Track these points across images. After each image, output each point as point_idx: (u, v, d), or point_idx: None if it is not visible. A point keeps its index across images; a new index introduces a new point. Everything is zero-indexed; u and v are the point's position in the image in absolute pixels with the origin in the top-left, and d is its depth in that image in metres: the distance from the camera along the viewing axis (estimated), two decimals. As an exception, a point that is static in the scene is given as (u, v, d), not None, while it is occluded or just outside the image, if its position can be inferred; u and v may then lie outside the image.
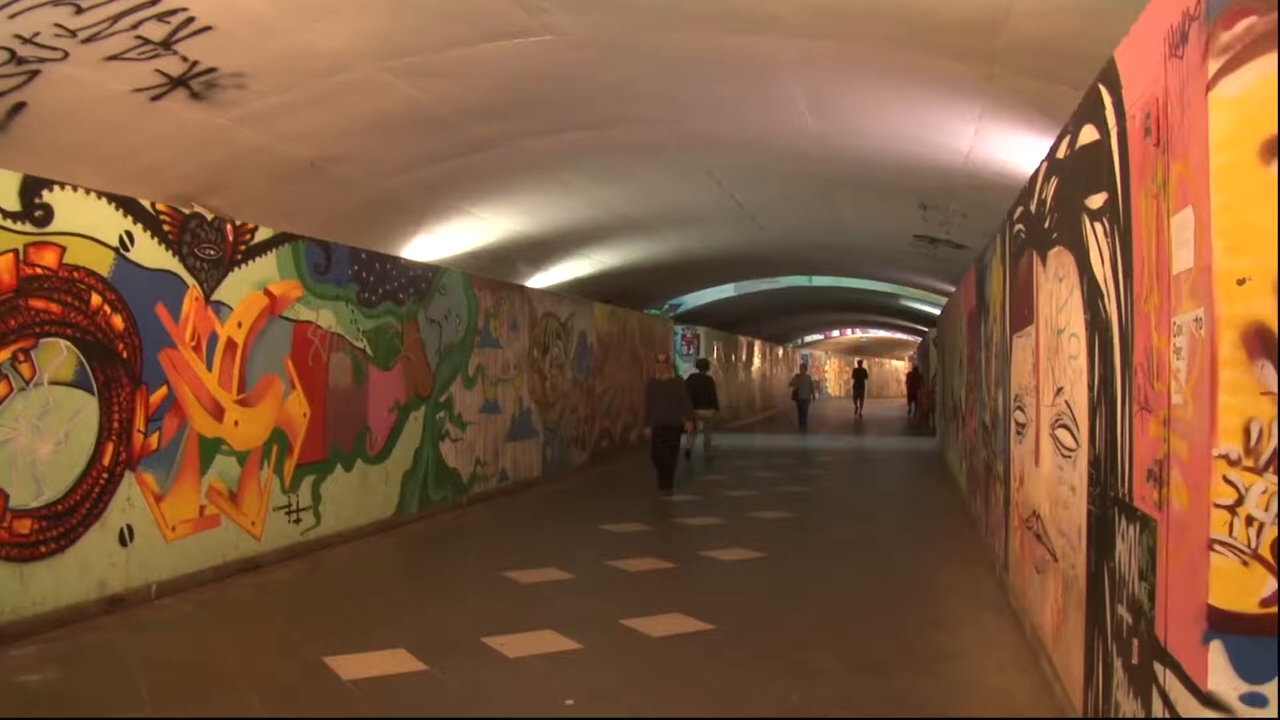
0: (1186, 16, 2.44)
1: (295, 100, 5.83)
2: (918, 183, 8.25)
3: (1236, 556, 2.20)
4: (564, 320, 14.01)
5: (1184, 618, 2.45)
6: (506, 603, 6.42)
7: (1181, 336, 2.53)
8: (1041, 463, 5.05)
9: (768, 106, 6.69)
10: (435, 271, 10.17)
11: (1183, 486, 2.52)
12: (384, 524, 9.08)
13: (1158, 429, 2.77)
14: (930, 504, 11.38)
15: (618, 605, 6.26)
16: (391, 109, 6.31)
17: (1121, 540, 3.19)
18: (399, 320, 9.44)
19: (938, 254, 11.75)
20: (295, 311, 7.86)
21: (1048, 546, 4.79)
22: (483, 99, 6.47)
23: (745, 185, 9.72)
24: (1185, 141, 2.49)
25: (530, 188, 9.07)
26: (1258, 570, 2.18)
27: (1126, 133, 3.13)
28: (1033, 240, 5.33)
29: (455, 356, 10.60)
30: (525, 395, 12.47)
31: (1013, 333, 6.30)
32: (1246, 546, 2.20)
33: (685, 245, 13.23)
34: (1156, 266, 2.78)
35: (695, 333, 23.29)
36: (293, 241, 7.83)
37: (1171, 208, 2.62)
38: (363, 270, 8.83)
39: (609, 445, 16.04)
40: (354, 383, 8.70)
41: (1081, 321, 3.90)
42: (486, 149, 7.58)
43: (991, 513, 7.67)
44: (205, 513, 6.86)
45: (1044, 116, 5.11)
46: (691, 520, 9.96)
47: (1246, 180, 2.21)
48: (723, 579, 7.24)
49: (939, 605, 6.42)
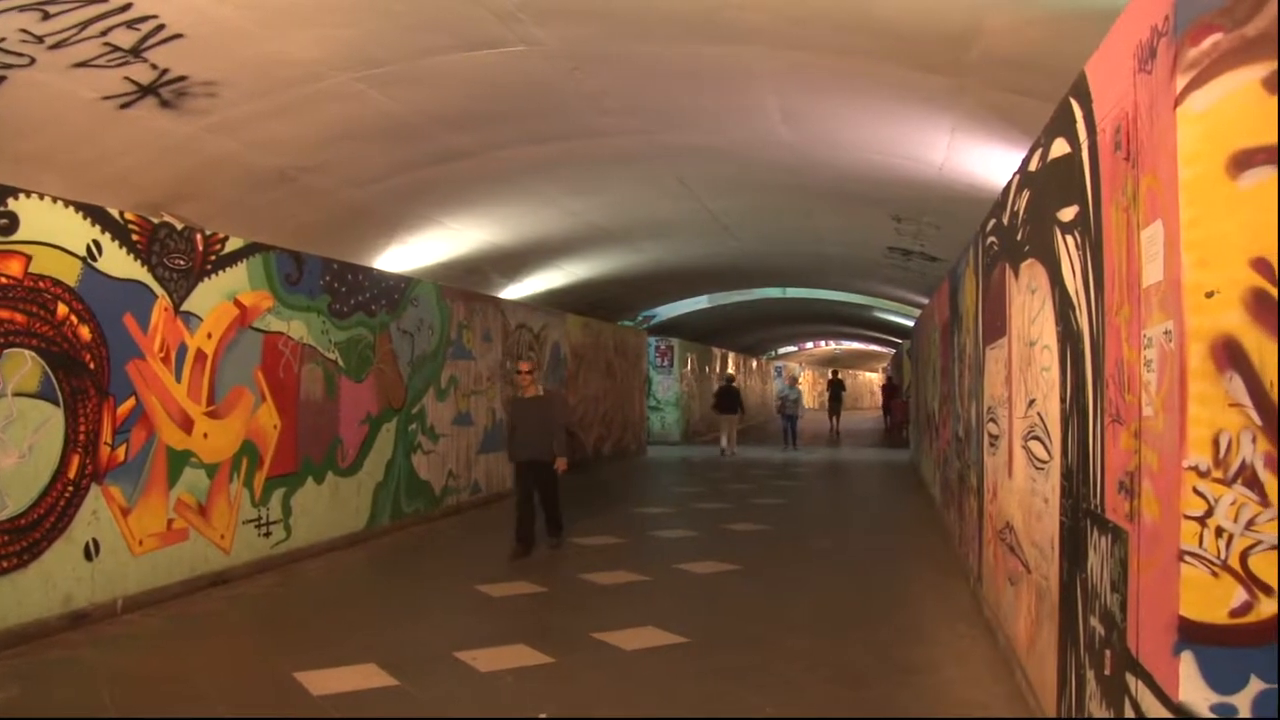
0: (1155, 32, 2.47)
1: (266, 109, 5.78)
2: (892, 194, 8.30)
3: (1207, 568, 2.22)
4: (537, 332, 13.96)
5: (1155, 629, 2.46)
6: (478, 616, 6.39)
7: (1152, 349, 2.55)
8: (1014, 474, 5.06)
9: (742, 116, 6.70)
10: (408, 282, 10.12)
11: (1154, 498, 2.54)
12: (355, 537, 9.00)
13: (1129, 441, 2.79)
14: (904, 516, 11.40)
15: (590, 618, 6.23)
16: (364, 118, 6.27)
17: (1094, 551, 3.20)
18: (371, 331, 9.38)
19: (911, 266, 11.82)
20: (266, 322, 7.78)
21: (1021, 558, 4.81)
22: (456, 109, 6.45)
23: (720, 195, 9.73)
24: (1154, 155, 2.51)
25: (504, 198, 9.03)
26: (1227, 581, 2.20)
27: (1097, 146, 3.16)
28: (1005, 252, 5.36)
29: (427, 368, 10.54)
30: (498, 407, 12.40)
31: (985, 344, 6.32)
32: (1216, 558, 2.21)
33: (659, 256, 13.23)
34: (1127, 279, 2.80)
35: (669, 344, 23.30)
36: (264, 252, 7.76)
37: (1142, 221, 2.64)
38: (334, 281, 8.77)
39: (582, 458, 15.97)
40: (325, 394, 8.63)
41: (1053, 333, 3.92)
42: (460, 159, 7.55)
43: (965, 524, 7.69)
44: (173, 526, 6.76)
45: (1016, 129, 5.16)
46: (665, 533, 9.94)
47: (1214, 194, 2.24)
48: (697, 591, 7.22)
49: (914, 617, 6.43)
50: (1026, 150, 4.71)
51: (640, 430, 20.24)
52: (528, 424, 8.48)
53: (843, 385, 29.63)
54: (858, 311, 22.37)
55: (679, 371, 23.61)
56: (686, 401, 24.26)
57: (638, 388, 20.05)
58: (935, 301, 11.82)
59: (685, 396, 24.13)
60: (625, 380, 18.90)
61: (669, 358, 23.38)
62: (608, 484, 14.56)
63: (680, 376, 23.70)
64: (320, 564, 8.06)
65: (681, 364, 23.84)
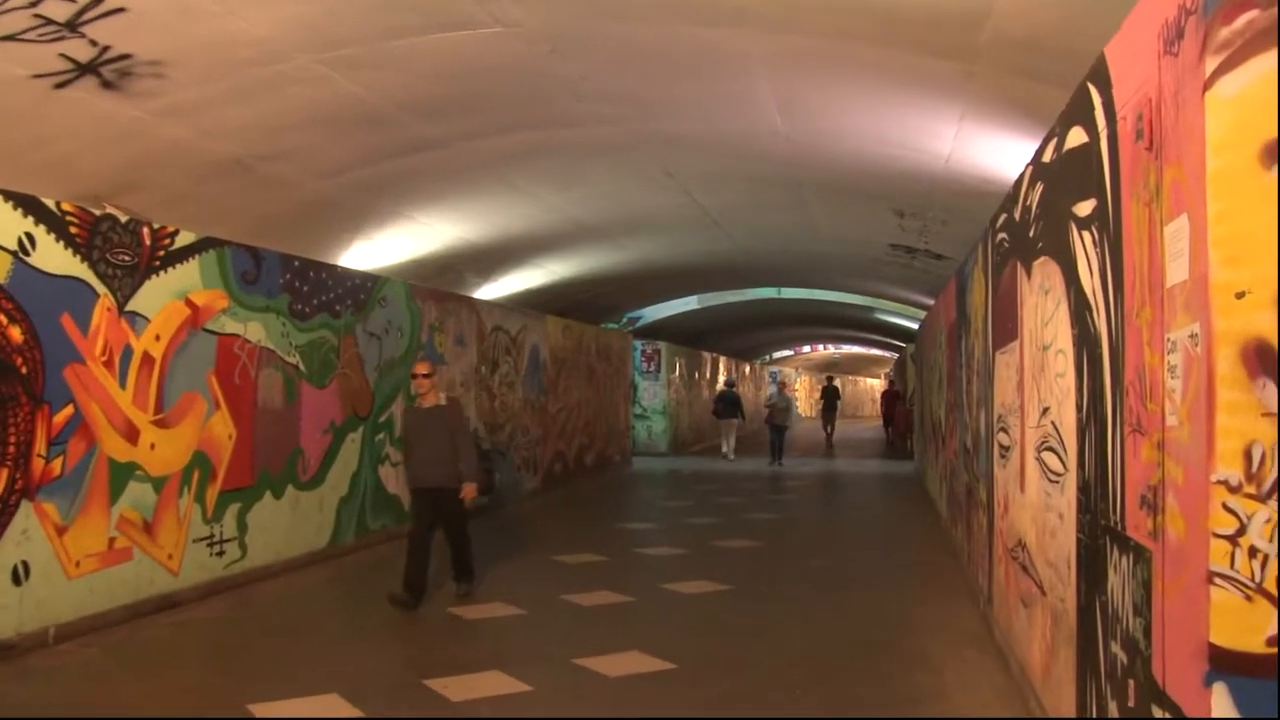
0: (1183, 10, 2.45)
1: (221, 92, 5.73)
2: (894, 188, 8.31)
3: (1239, 591, 2.19)
4: (514, 335, 13.93)
5: (1183, 657, 2.44)
6: (450, 641, 6.35)
7: (1176, 353, 2.53)
8: (1027, 488, 5.06)
9: (734, 104, 6.70)
10: (375, 281, 10.07)
11: (1179, 514, 2.52)
12: (318, 555, 8.93)
13: (1151, 452, 2.77)
14: (908, 532, 11.41)
15: (571, 643, 6.20)
16: (327, 104, 6.23)
17: (1114, 572, 3.19)
18: (335, 334, 9.32)
19: (915, 264, 11.84)
20: (220, 324, 7.72)
21: (1034, 578, 4.80)
22: (427, 95, 6.42)
23: (710, 189, 9.73)
24: (1180, 144, 2.49)
25: (478, 191, 9.01)
26: (1262, 606, 2.17)
27: (1117, 135, 3.14)
28: (1017, 250, 5.36)
29: (396, 373, 10.48)
30: (472, 415, 12.33)
31: (995, 349, 6.33)
32: (1250, 580, 2.18)
33: (645, 254, 13.22)
34: (1149, 278, 2.78)
35: (656, 348, 23.29)
36: (218, 247, 7.69)
37: (1165, 215, 2.63)
38: (295, 279, 8.71)
39: (562, 469, 15.96)
40: (285, 402, 8.56)
41: (1069, 337, 3.91)
42: (431, 149, 7.53)
43: (974, 542, 7.69)
44: (115, 546, 6.67)
45: (1029, 118, 5.15)
46: (651, 550, 9.92)
47: (1245, 186, 2.21)
48: (685, 614, 7.20)
49: (918, 641, 6.41)
50: (1040, 140, 4.71)
51: (625, 440, 20.22)
52: (428, 440, 7.34)
53: (837, 392, 28.80)
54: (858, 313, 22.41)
55: (666, 377, 23.60)
56: (675, 409, 24.24)
57: (622, 395, 20.03)
58: (941, 302, 11.84)
59: (673, 404, 24.12)
60: (609, 387, 18.88)
61: (656, 363, 23.36)
62: (590, 498, 14.54)
63: (668, 383, 23.68)
64: (279, 585, 7.99)
65: (669, 369, 23.82)
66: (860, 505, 14.62)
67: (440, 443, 7.29)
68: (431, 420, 7.39)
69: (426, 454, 7.32)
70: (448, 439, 7.31)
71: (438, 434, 7.32)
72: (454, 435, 7.35)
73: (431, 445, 7.31)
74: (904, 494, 15.44)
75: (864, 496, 15.72)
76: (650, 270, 14.50)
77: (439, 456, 7.28)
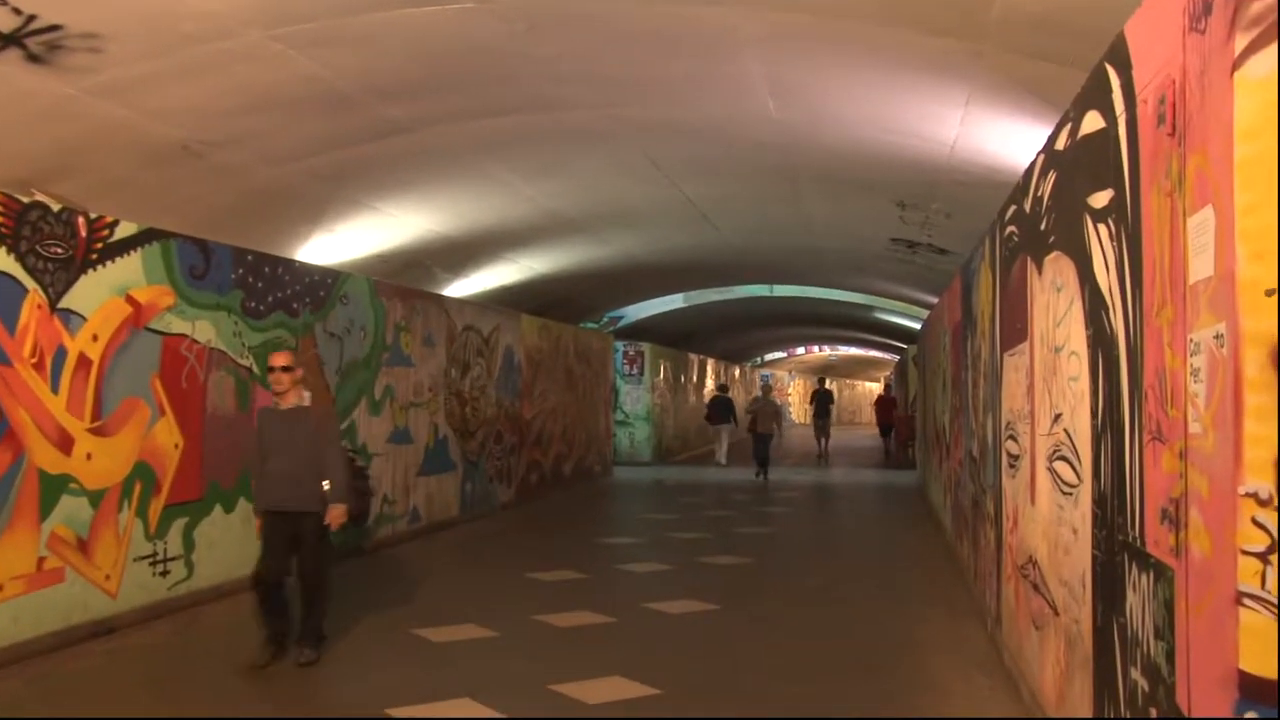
0: (1209, -16, 2.45)
1: (165, 70, 5.67)
2: (895, 178, 8.33)
3: (1270, 613, 2.18)
4: (487, 335, 13.90)
5: (1210, 684, 2.43)
6: (417, 666, 6.31)
7: (1199, 355, 2.53)
8: (1038, 500, 5.06)
9: (723, 88, 6.70)
10: (336, 277, 10.02)
11: (1203, 529, 2.51)
12: (271, 575, 8.85)
13: (1173, 462, 2.77)
14: (909, 547, 11.44)
15: (547, 667, 6.19)
16: (283, 84, 6.20)
17: (1133, 591, 3.18)
18: (293, 334, 9.27)
19: (918, 260, 11.88)
20: (166, 323, 7.64)
21: (1046, 597, 4.80)
22: (392, 76, 6.40)
23: (697, 179, 9.74)
24: (1205, 130, 2.49)
25: (448, 180, 8.99)
26: (1298, 630, 2.16)
27: (1137, 120, 3.14)
28: (1027, 244, 5.37)
29: (359, 376, 10.43)
30: (441, 422, 12.33)
31: (1004, 350, 6.34)
32: (1282, 601, 2.17)
33: (628, 249, 13.22)
34: (1170, 275, 2.79)
35: (639, 350, 23.29)
36: (163, 239, 7.62)
37: (1188, 207, 2.63)
38: (249, 275, 8.66)
39: (539, 480, 15.93)
40: (238, 407, 8.50)
41: (1083, 338, 3.91)
42: (397, 134, 7.50)
43: (981, 558, 7.71)
44: (45, 566, 6.58)
45: (1041, 102, 5.16)
46: (633, 566, 9.90)
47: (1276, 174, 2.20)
48: (670, 635, 7.18)
49: (921, 664, 6.42)
50: (1053, 126, 4.71)
51: (606, 448, 20.22)
52: (286, 451, 6.31)
53: (830, 396, 27.66)
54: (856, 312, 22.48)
55: (650, 381, 23.60)
56: (659, 415, 24.26)
57: (603, 399, 20.02)
58: (945, 301, 11.87)
59: (658, 410, 24.13)
60: (588, 391, 18.87)
61: (639, 365, 23.36)
62: (568, 510, 14.53)
63: (652, 386, 23.69)
64: (229, 607, 7.91)
65: (653, 372, 23.83)
66: (857, 518, 14.65)
67: (301, 454, 6.28)
68: (291, 426, 6.37)
69: (283, 468, 6.29)
70: (311, 450, 6.30)
71: (299, 443, 6.30)
72: (319, 446, 6.33)
73: (290, 457, 6.29)
74: (905, 506, 15.49)
75: (861, 509, 15.74)
76: (633, 266, 14.51)
77: (299, 472, 6.27)
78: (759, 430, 20.14)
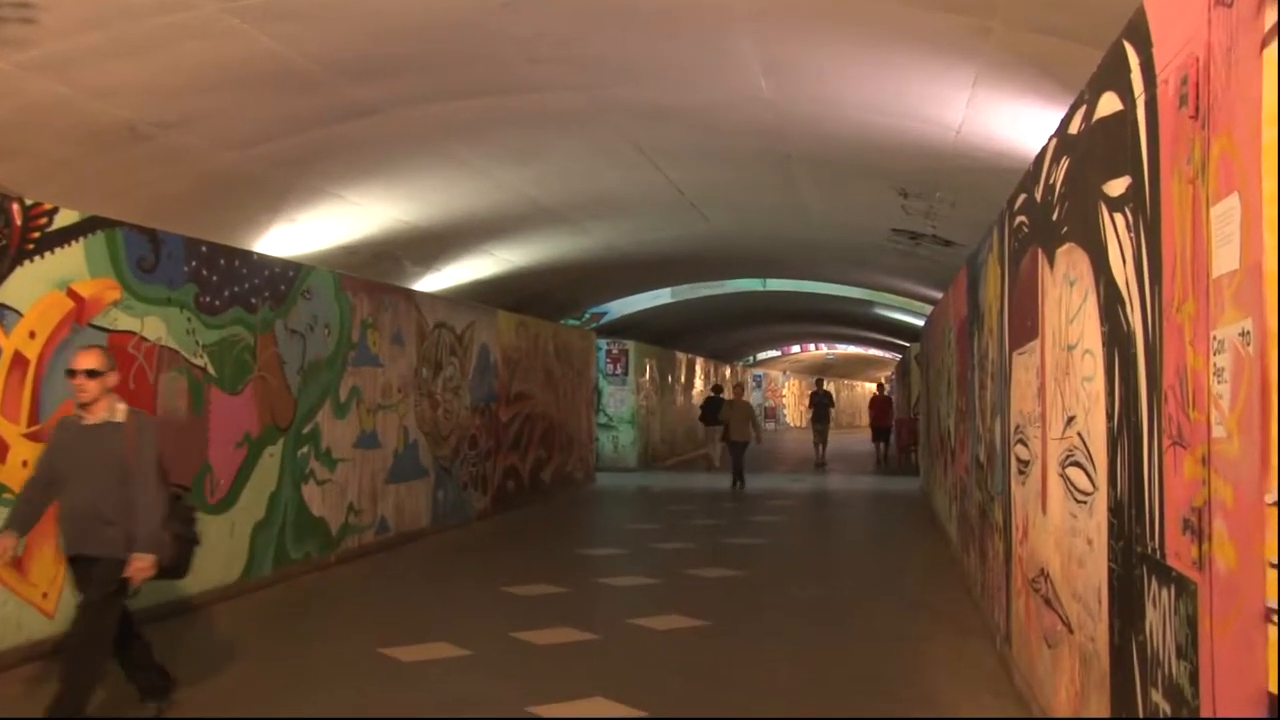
0: (1238, -47, 2.44)
1: (108, 43, 5.62)
2: (897, 164, 8.34)
3: (1302, 630, 2.18)
4: (460, 332, 13.88)
5: (1238, 707, 2.43)
6: (384, 688, 6.30)
7: (1224, 354, 2.53)
8: (1050, 509, 5.08)
9: (713, 68, 6.70)
10: (298, 271, 9.99)
11: (1228, 541, 2.51)
12: (228, 590, 8.83)
13: (1195, 469, 2.77)
14: (912, 559, 11.50)
15: (525, 688, 6.19)
16: (239, 62, 6.16)
17: (1152, 607, 3.19)
18: (251, 331, 9.23)
19: (921, 252, 11.90)
20: (111, 319, 7.60)
21: (1059, 613, 4.81)
22: (358, 53, 6.37)
23: (685, 166, 9.74)
24: (1231, 112, 2.48)
25: (419, 167, 8.98)
26: (1332, 649, 2.16)
27: (1157, 101, 3.14)
28: (1038, 235, 5.38)
29: (323, 377, 10.41)
30: (412, 425, 12.31)
31: (1013, 349, 6.36)
32: (1315, 618, 2.17)
33: (611, 240, 13.22)
34: (1192, 267, 2.79)
35: (623, 348, 23.30)
36: (108, 229, 7.58)
37: (1212, 195, 2.63)
38: (203, 267, 8.61)
39: (516, 487, 15.93)
40: (190, 410, 8.47)
41: (1098, 335, 3.93)
42: (364, 117, 7.48)
43: (989, 570, 7.73)
44: (-23, 583, 6.52)
45: (1054, 83, 5.17)
46: (617, 580, 9.93)
47: (1308, 160, 2.20)
48: (656, 653, 7.20)
49: (926, 685, 6.43)
50: (1066, 108, 4.73)
51: (588, 453, 20.23)
52: (84, 476, 5.33)
53: (830, 398, 27.38)
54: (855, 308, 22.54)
55: (635, 381, 23.63)
56: (645, 418, 24.28)
57: (585, 401, 20.03)
58: (950, 296, 11.91)
59: (643, 412, 24.15)
60: (569, 392, 18.87)
61: (623, 364, 23.37)
62: (547, 520, 14.56)
63: (637, 387, 23.71)
64: (180, 626, 7.87)
65: (638, 372, 23.85)
66: (857, 528, 14.70)
67: (102, 483, 5.29)
68: (95, 445, 5.35)
69: (80, 499, 5.32)
70: (116, 477, 5.30)
71: (101, 469, 5.30)
72: (127, 471, 5.32)
73: (89, 485, 5.30)
74: (907, 515, 15.56)
75: (860, 518, 15.80)
76: (617, 259, 14.51)
77: (99, 505, 5.26)
78: (732, 438, 19.46)
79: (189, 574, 5.95)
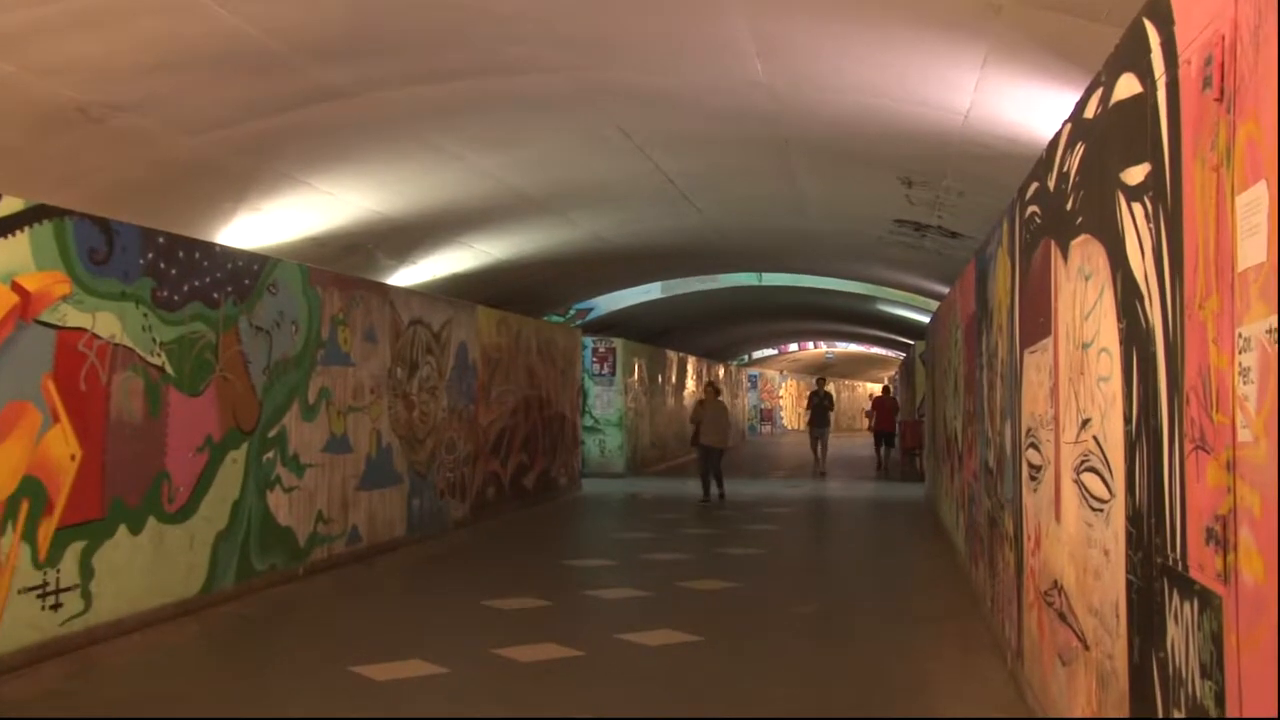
0: (1265, -77, 2.44)
1: (56, 18, 5.61)
2: (901, 151, 8.36)
3: (1335, 648, 2.17)
4: (438, 330, 13.86)
5: (1265, 731, 2.42)
6: (356, 710, 6.28)
7: (1250, 353, 2.52)
8: (1063, 518, 5.08)
9: (706, 50, 6.71)
10: (263, 264, 9.95)
11: (1255, 552, 2.50)
12: (188, 605, 8.79)
13: (1219, 475, 2.77)
14: (917, 571, 11.54)
15: (506, 708, 6.20)
16: (201, 40, 6.16)
17: (1174, 622, 3.18)
18: (212, 328, 9.20)
19: (926, 244, 11.93)
20: (60, 314, 7.55)
21: (1074, 628, 4.81)
22: (328, 33, 6.38)
23: (676, 153, 9.75)
24: (1259, 94, 2.47)
25: (393, 154, 8.98)
26: (1365, 668, 2.15)
27: (1178, 83, 3.13)
28: (1051, 226, 5.38)
29: (290, 377, 10.39)
30: (385, 428, 12.28)
31: (1024, 347, 6.37)
32: (1348, 635, 2.16)
33: (598, 232, 13.23)
34: (1216, 260, 2.78)
35: (611, 346, 23.31)
36: (56, 218, 7.51)
37: (1238, 182, 2.62)
38: (160, 260, 8.57)
39: (496, 494, 15.91)
40: (147, 413, 8.42)
41: (1114, 332, 3.92)
42: (333, 100, 7.49)
43: (999, 583, 7.75)
44: (-80, 597, 6.49)
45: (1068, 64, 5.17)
46: (604, 593, 9.94)
47: (1341, 145, 2.20)
48: (645, 671, 7.21)
49: (932, 705, 6.46)
50: (1081, 91, 4.71)
51: (573, 458, 20.23)
52: None
53: (830, 399, 26.71)
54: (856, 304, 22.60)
55: (623, 381, 23.64)
56: (633, 421, 24.29)
57: (570, 403, 20.03)
58: (957, 291, 11.93)
59: (631, 414, 24.17)
60: (553, 393, 18.87)
61: (610, 363, 23.38)
62: (530, 529, 14.56)
63: (625, 388, 23.72)
64: (135, 645, 7.85)
65: (626, 371, 23.86)
66: (858, 537, 14.74)
67: None
68: None
69: None
70: None
71: None
72: None
73: None
74: (911, 523, 15.61)
75: (862, 527, 15.83)
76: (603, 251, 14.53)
77: None
78: (703, 442, 18.31)
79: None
